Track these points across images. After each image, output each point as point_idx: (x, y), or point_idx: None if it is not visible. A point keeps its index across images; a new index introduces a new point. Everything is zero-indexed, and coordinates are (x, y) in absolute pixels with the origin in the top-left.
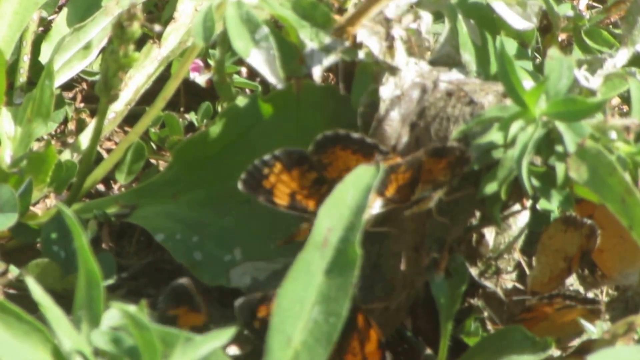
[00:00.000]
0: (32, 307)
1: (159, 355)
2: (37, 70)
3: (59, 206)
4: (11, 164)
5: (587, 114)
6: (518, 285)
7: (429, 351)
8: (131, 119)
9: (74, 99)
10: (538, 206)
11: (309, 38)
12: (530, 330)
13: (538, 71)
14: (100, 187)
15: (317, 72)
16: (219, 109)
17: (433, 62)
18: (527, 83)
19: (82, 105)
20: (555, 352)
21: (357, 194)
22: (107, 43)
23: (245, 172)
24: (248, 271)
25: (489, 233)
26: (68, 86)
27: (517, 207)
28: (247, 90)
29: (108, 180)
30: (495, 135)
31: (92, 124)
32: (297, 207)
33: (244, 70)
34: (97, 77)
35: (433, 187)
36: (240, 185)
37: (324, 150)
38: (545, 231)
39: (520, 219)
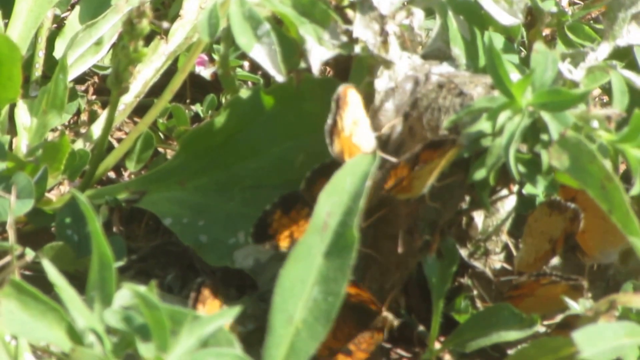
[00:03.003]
0: (47, 287)
1: (167, 333)
2: (52, 65)
3: (73, 192)
4: (27, 153)
5: (571, 104)
6: (506, 265)
7: (421, 328)
8: (140, 110)
9: (86, 91)
10: (524, 191)
11: (308, 34)
12: (517, 306)
13: (524, 64)
14: (112, 174)
15: (316, 66)
16: (223, 100)
17: (425, 56)
18: (514, 75)
19: (94, 97)
20: (541, 328)
21: (355, 181)
22: (117, 39)
23: (253, 226)
24: (251, 253)
25: (478, 216)
26: (81, 80)
27: (504, 192)
28: (250, 83)
29: (119, 168)
30: (484, 125)
31: (103, 115)
32: None
33: (246, 64)
34: (108, 71)
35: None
36: (251, 240)
37: (314, 184)
38: (531, 214)
39: (507, 203)
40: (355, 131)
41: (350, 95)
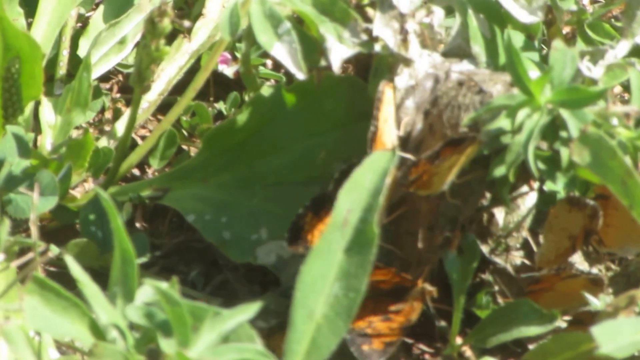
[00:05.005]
0: (71, 283)
1: (189, 329)
2: (76, 63)
3: (96, 190)
4: (52, 151)
5: (590, 101)
6: (526, 261)
7: (443, 323)
8: (164, 108)
9: (110, 89)
10: (545, 187)
11: (329, 32)
12: (537, 301)
13: (545, 62)
14: (135, 171)
15: (336, 64)
16: (246, 98)
17: (445, 54)
18: (533, 73)
19: (118, 95)
20: (562, 323)
21: (374, 178)
22: (140, 38)
23: (288, 231)
24: (273, 249)
25: (499, 213)
26: (105, 78)
27: (525, 188)
28: (272, 81)
29: (142, 165)
30: (503, 122)
31: (127, 113)
32: None
33: (269, 62)
34: (132, 70)
35: None
36: (286, 246)
37: (341, 184)
38: (552, 211)
39: (528, 200)
40: (385, 130)
41: (387, 93)
